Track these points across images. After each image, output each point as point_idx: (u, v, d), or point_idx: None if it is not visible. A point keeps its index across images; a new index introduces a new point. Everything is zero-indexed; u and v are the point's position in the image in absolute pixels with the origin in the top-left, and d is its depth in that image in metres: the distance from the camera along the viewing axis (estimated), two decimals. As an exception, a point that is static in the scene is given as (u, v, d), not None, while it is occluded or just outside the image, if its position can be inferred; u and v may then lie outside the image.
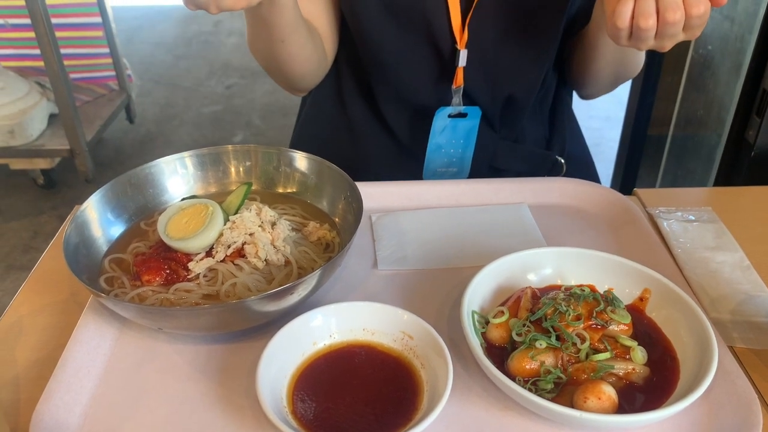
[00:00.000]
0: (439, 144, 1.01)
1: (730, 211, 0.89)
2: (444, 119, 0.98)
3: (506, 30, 0.94)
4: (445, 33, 0.93)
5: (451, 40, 0.94)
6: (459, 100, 0.98)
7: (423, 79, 0.98)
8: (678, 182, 2.03)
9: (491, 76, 0.98)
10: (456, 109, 0.98)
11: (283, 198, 0.84)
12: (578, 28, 0.99)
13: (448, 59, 0.96)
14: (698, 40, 1.82)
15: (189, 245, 0.70)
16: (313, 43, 0.94)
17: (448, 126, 0.99)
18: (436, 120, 0.98)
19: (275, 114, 3.38)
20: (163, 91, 3.61)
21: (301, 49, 0.91)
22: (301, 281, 0.62)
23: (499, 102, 1.00)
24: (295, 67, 0.94)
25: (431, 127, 0.98)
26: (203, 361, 0.66)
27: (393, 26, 0.94)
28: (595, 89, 1.05)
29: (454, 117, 0.99)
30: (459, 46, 0.93)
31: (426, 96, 0.99)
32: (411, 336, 0.63)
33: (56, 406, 0.59)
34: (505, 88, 0.99)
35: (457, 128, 1.00)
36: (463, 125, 1.00)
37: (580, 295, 0.63)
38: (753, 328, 0.70)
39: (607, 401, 0.56)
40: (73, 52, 2.75)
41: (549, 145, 1.09)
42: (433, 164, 1.02)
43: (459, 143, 1.01)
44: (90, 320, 0.68)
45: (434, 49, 0.95)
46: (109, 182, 0.77)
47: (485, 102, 0.99)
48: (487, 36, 0.94)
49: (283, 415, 0.56)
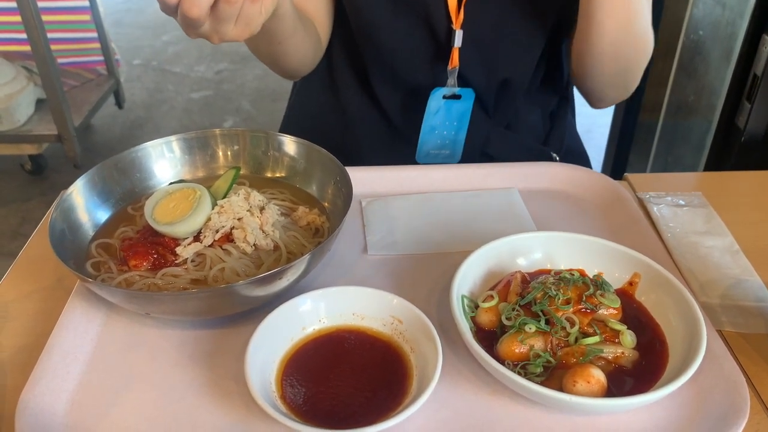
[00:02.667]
0: (433, 125, 1.00)
1: (719, 196, 0.89)
2: (438, 100, 0.98)
3: (502, 10, 0.93)
4: (441, 12, 0.92)
5: (447, 19, 0.93)
6: (454, 81, 0.97)
7: (418, 59, 0.98)
8: (669, 168, 2.04)
9: (486, 57, 0.97)
10: (451, 90, 0.98)
11: (272, 183, 0.83)
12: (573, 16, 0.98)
13: (444, 39, 0.95)
14: (689, 24, 1.82)
15: (176, 230, 0.70)
16: (310, 39, 0.94)
17: (442, 107, 0.99)
18: (431, 101, 0.97)
19: (265, 99, 3.36)
20: (152, 76, 3.58)
21: (298, 47, 0.91)
22: (290, 266, 0.62)
23: (493, 84, 1.00)
24: (292, 62, 0.95)
25: (426, 108, 0.98)
26: (191, 346, 0.66)
27: (389, 5, 0.93)
28: (604, 85, 0.96)
29: (448, 98, 0.98)
30: (455, 26, 0.93)
31: (421, 76, 0.99)
32: (400, 320, 0.63)
33: (42, 392, 0.58)
34: (500, 70, 0.98)
35: (451, 110, 0.99)
36: (457, 107, 0.99)
37: (570, 280, 0.63)
38: (742, 312, 0.71)
39: (596, 385, 0.57)
40: (61, 37, 2.71)
41: (547, 141, 1.09)
42: (427, 146, 1.02)
43: (452, 125, 1.00)
44: (77, 305, 0.67)
45: (430, 29, 0.95)
46: (95, 166, 0.76)
47: (480, 84, 0.99)
48: (483, 16, 0.93)
49: (272, 400, 0.56)
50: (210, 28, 0.66)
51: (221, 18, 0.64)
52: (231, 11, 0.63)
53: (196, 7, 0.61)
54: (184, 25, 0.65)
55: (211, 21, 0.65)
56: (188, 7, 0.61)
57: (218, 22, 0.65)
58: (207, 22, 0.65)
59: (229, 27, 0.66)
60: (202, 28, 0.65)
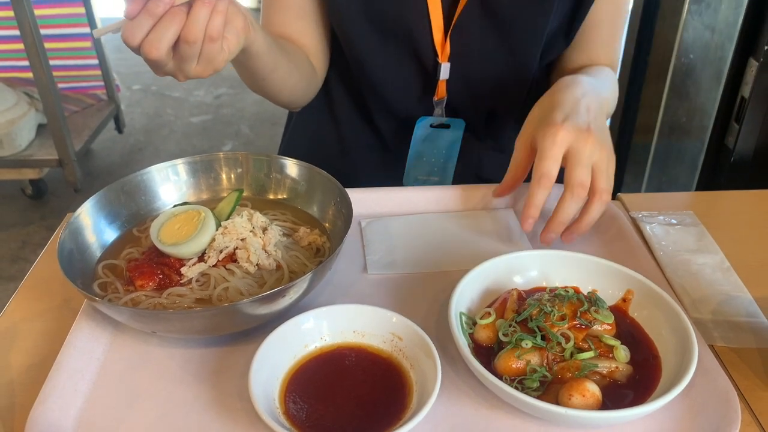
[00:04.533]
0: (420, 152, 1.02)
1: (710, 215, 0.92)
2: (426, 129, 1.00)
3: (487, 44, 0.95)
4: (428, 46, 0.94)
5: (434, 53, 0.95)
6: (441, 112, 0.99)
7: (407, 91, 1.00)
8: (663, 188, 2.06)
9: (473, 89, 0.99)
10: (438, 119, 1.00)
11: (274, 204, 0.85)
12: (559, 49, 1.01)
13: (431, 72, 0.97)
14: (680, 48, 1.86)
15: (181, 250, 0.72)
16: (299, 71, 0.95)
17: (429, 135, 1.00)
18: (417, 129, 0.99)
19: (264, 123, 3.39)
20: (151, 100, 3.61)
21: (285, 81, 0.92)
22: (292, 285, 0.63)
23: (482, 114, 1.02)
24: (281, 95, 0.96)
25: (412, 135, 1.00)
26: (196, 364, 0.67)
27: (378, 40, 0.96)
28: None
29: (436, 127, 1.00)
30: (440, 59, 0.95)
31: (411, 107, 1.01)
32: (400, 337, 0.65)
33: (51, 409, 0.60)
34: (487, 101, 1.00)
35: (440, 138, 1.01)
36: (446, 136, 1.01)
37: (565, 296, 0.65)
38: (733, 327, 0.72)
39: (591, 398, 0.58)
40: (62, 64, 2.75)
41: None
42: (414, 171, 1.04)
43: (441, 153, 1.02)
44: (84, 325, 0.69)
45: (417, 62, 0.97)
46: (103, 189, 0.78)
47: (469, 114, 1.01)
48: (468, 49, 0.95)
49: (276, 417, 0.57)
50: (174, 67, 0.69)
51: (183, 57, 0.67)
52: (191, 51, 0.66)
53: (155, 50, 0.64)
54: (149, 65, 0.68)
55: (174, 60, 0.68)
56: (148, 50, 0.64)
57: (180, 62, 0.68)
58: (170, 62, 0.68)
59: (192, 65, 0.68)
60: (166, 67, 0.68)
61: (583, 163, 0.74)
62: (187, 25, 0.64)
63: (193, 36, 0.64)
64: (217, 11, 0.65)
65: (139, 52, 0.65)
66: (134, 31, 0.64)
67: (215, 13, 0.65)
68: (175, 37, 0.65)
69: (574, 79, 0.82)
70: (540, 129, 0.76)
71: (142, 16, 0.63)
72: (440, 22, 0.92)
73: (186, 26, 0.64)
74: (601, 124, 0.78)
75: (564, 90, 0.80)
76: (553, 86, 0.83)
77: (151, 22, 0.64)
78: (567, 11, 0.94)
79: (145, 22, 0.63)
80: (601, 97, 0.82)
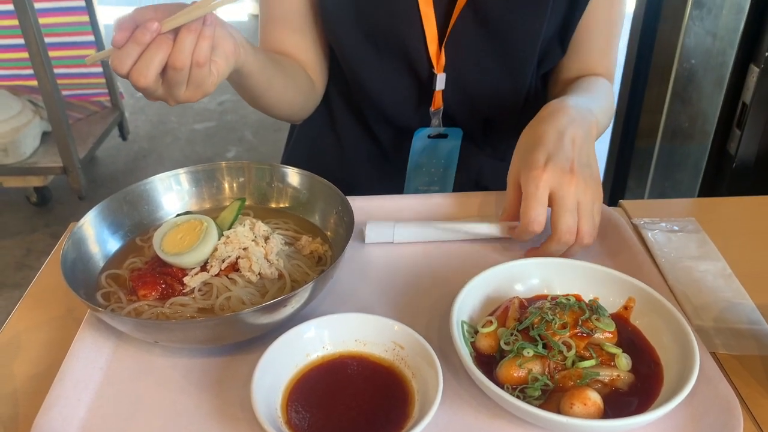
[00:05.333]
0: (419, 163, 1.03)
1: (712, 221, 0.92)
2: (423, 140, 1.00)
3: (482, 53, 0.95)
4: (423, 57, 0.95)
5: (429, 64, 0.95)
6: (438, 122, 0.99)
7: (404, 102, 1.00)
8: (666, 193, 2.06)
9: (469, 99, 0.99)
10: (436, 130, 1.00)
11: (276, 213, 0.85)
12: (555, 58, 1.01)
13: (427, 83, 0.97)
14: (682, 53, 1.86)
15: (184, 260, 0.72)
16: (296, 87, 0.95)
17: (427, 146, 1.01)
18: (415, 140, 1.00)
19: (268, 129, 3.40)
20: (155, 107, 3.62)
21: (281, 97, 0.92)
22: (294, 294, 0.64)
23: (479, 123, 1.02)
24: (280, 110, 0.96)
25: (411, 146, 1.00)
26: (198, 373, 0.67)
27: (373, 52, 0.96)
28: None
29: (434, 137, 1.01)
30: (436, 70, 0.95)
31: (409, 117, 1.01)
32: (402, 346, 0.65)
33: (54, 419, 0.60)
34: (484, 110, 1.00)
35: (438, 148, 1.02)
36: (444, 145, 1.01)
37: (566, 305, 0.65)
38: (735, 334, 0.72)
39: (592, 407, 0.58)
40: (66, 72, 2.76)
41: None
42: (415, 182, 1.04)
43: (440, 162, 1.02)
44: (87, 335, 0.69)
45: (413, 74, 0.97)
46: (105, 199, 0.79)
47: (466, 123, 1.01)
48: (464, 60, 0.95)
49: (278, 426, 0.57)
50: (164, 92, 0.70)
51: (171, 83, 0.68)
52: (179, 77, 0.67)
53: (143, 78, 0.65)
54: (140, 92, 0.68)
55: (164, 86, 0.69)
56: (137, 78, 0.65)
57: (170, 87, 0.68)
58: (160, 88, 0.69)
59: (181, 91, 0.69)
60: (156, 93, 0.69)
61: (568, 208, 0.74)
62: (174, 52, 0.65)
63: (180, 62, 0.65)
64: (203, 37, 0.66)
65: (128, 79, 0.66)
66: (122, 60, 0.64)
67: (201, 39, 0.65)
68: (163, 64, 0.66)
69: (560, 105, 0.80)
70: (524, 171, 0.76)
71: (130, 45, 0.64)
72: (434, 33, 0.92)
73: (173, 53, 0.65)
74: (586, 157, 0.77)
75: (548, 120, 0.78)
76: (540, 112, 0.81)
77: (138, 50, 0.65)
78: (561, 17, 0.95)
79: (132, 50, 0.64)
80: (588, 121, 0.80)
